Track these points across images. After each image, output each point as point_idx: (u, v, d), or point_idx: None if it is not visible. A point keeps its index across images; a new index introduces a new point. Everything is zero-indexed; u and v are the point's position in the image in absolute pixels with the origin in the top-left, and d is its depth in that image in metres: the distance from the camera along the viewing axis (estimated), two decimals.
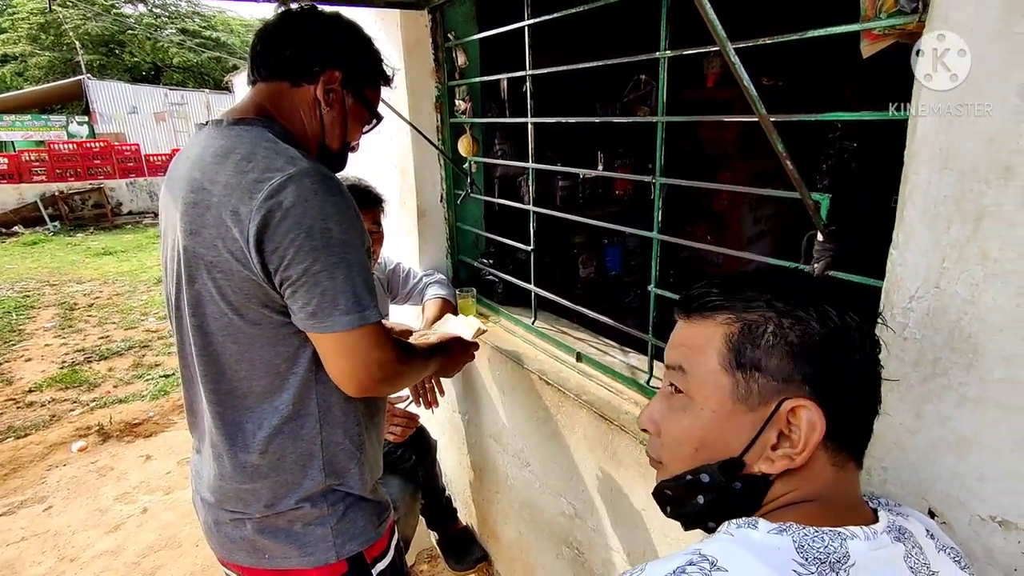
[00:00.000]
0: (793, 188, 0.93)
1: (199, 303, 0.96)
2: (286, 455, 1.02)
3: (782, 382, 0.55)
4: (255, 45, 1.06)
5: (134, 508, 2.79)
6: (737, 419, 0.57)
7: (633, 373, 1.47)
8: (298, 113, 1.05)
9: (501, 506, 1.97)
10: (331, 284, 0.90)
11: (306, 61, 1.03)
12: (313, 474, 1.03)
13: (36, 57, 18.85)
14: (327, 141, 1.09)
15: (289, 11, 1.08)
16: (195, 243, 0.93)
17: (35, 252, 9.06)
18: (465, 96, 2.02)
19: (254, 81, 1.07)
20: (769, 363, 0.55)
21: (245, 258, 0.90)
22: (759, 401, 0.56)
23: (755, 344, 0.56)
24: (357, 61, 1.09)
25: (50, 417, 3.77)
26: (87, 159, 12.33)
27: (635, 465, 1.29)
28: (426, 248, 2.18)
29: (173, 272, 1.01)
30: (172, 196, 1.00)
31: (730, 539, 0.52)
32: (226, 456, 1.02)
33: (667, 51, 1.17)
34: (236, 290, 0.93)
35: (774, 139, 0.79)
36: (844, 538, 0.52)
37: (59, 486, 3.02)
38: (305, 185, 0.89)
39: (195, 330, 0.98)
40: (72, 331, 5.42)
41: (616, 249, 2.96)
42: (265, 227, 0.87)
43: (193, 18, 21.69)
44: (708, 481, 0.58)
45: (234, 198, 0.89)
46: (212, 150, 0.95)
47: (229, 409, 1.01)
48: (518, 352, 1.74)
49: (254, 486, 1.02)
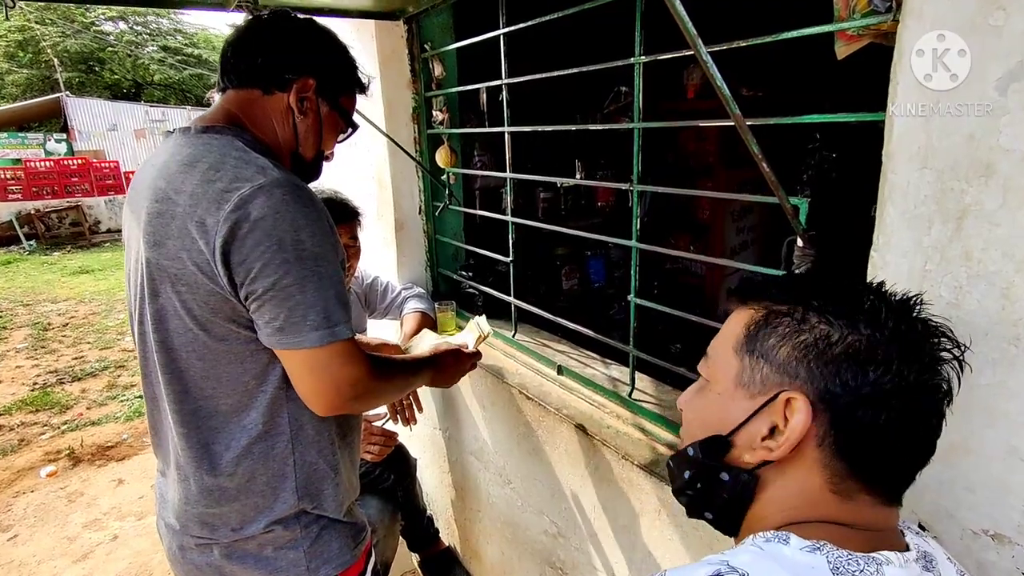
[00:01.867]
0: (773, 194, 0.91)
1: (162, 318, 0.92)
2: (256, 477, 0.97)
3: (785, 376, 0.54)
4: (225, 51, 1.03)
5: (104, 535, 2.68)
6: (737, 403, 0.57)
7: (615, 386, 1.44)
8: (270, 121, 1.01)
9: (483, 525, 1.91)
10: (302, 298, 0.86)
11: (279, 68, 1.00)
12: (285, 496, 0.98)
13: (13, 75, 18.60)
14: (301, 150, 1.05)
15: (261, 17, 1.04)
16: (158, 255, 0.89)
17: (9, 272, 8.85)
18: (443, 107, 2.00)
19: (224, 88, 1.03)
20: (777, 354, 0.54)
21: (211, 271, 0.85)
22: (759, 389, 0.55)
23: (769, 333, 0.56)
24: (332, 68, 1.06)
25: (19, 441, 3.64)
26: (65, 177, 12.13)
27: (618, 481, 1.25)
28: (404, 261, 2.14)
29: (136, 285, 0.97)
30: (134, 207, 0.95)
31: (759, 552, 0.50)
32: (192, 478, 0.97)
33: (642, 56, 1.16)
34: (201, 304, 0.88)
35: (749, 140, 0.77)
36: (879, 563, 0.49)
37: (26, 513, 2.90)
38: (276, 196, 0.85)
39: (158, 346, 0.93)
40: (45, 352, 5.27)
41: (599, 260, 2.94)
42: (232, 239, 0.83)
43: (175, 35, 21.60)
44: (692, 454, 0.60)
45: (200, 208, 0.85)
46: (179, 158, 0.91)
47: (195, 429, 0.95)
48: (499, 366, 1.69)
49: (221, 510, 0.97)
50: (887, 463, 0.53)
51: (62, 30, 18.25)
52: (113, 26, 20.34)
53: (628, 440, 1.27)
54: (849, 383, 0.51)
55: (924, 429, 0.53)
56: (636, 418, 1.33)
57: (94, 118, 16.49)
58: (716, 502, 0.59)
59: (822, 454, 0.53)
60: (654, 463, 1.18)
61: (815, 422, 0.52)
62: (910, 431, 0.52)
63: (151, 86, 20.62)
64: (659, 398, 1.37)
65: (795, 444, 0.53)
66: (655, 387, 1.43)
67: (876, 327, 0.52)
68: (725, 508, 0.59)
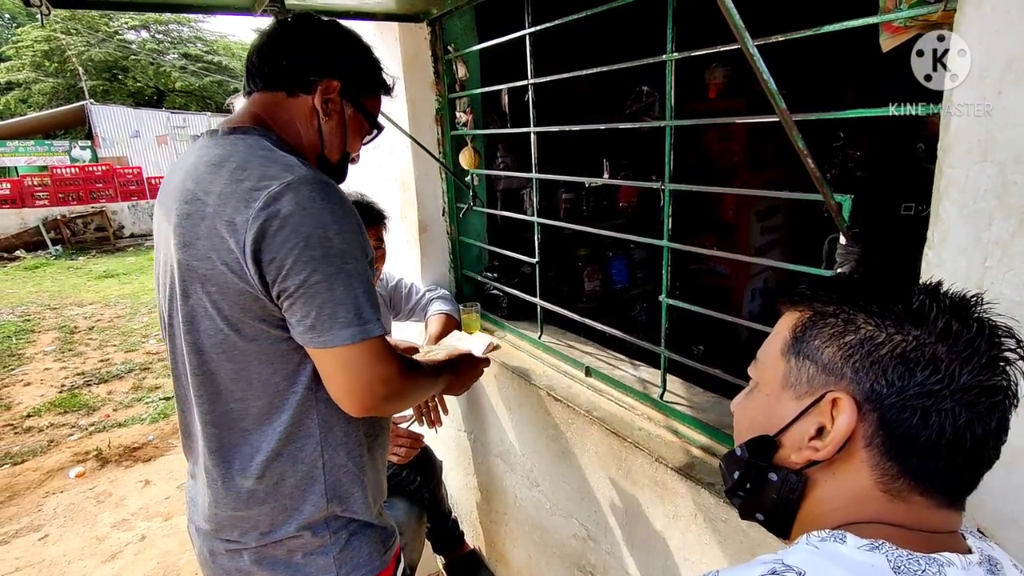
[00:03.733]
0: (812, 190, 0.89)
1: (193, 319, 0.92)
2: (285, 479, 0.96)
3: (831, 376, 0.54)
4: (251, 55, 1.03)
5: (132, 535, 2.72)
6: (784, 404, 0.57)
7: (645, 388, 1.42)
8: (295, 123, 1.01)
9: (510, 528, 1.90)
10: (330, 296, 0.85)
11: (303, 70, 1.00)
12: (314, 499, 0.98)
13: (40, 84, 19.06)
14: (326, 152, 1.05)
15: (286, 20, 1.05)
16: (188, 256, 0.89)
17: (36, 276, 9.05)
18: (466, 108, 1.99)
19: (250, 92, 1.04)
20: (823, 355, 0.54)
21: (241, 270, 0.85)
22: (806, 390, 0.55)
23: (815, 334, 0.56)
24: (356, 70, 1.05)
25: (48, 442, 3.71)
26: (89, 183, 12.40)
27: (651, 485, 1.23)
28: (428, 263, 2.14)
29: (166, 288, 0.97)
30: (164, 209, 0.96)
31: (815, 551, 0.50)
32: (221, 481, 0.97)
33: (674, 53, 1.14)
34: (232, 304, 0.88)
35: (795, 136, 0.75)
36: (940, 564, 0.48)
37: (56, 514, 2.94)
38: (303, 193, 0.85)
39: (189, 348, 0.93)
40: (72, 355, 5.37)
41: (621, 261, 2.92)
42: (262, 236, 0.83)
43: (195, 43, 21.98)
44: (739, 455, 0.60)
45: (229, 207, 0.85)
46: (206, 159, 0.91)
47: (225, 431, 0.96)
48: (525, 368, 1.68)
49: (250, 513, 0.97)
50: (940, 465, 0.51)
51: (87, 39, 18.67)
52: (136, 35, 20.77)
53: (661, 443, 1.25)
54: (895, 383, 0.50)
55: (982, 432, 0.50)
56: (668, 420, 1.31)
57: (117, 125, 16.83)
58: (766, 503, 0.59)
59: (870, 454, 0.52)
60: (689, 466, 1.16)
61: (862, 422, 0.52)
62: (965, 434, 0.50)
63: (173, 93, 20.99)
64: (691, 400, 1.35)
65: (841, 444, 0.52)
66: (686, 389, 1.41)
67: (925, 327, 0.50)
68: (775, 509, 0.58)
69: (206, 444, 0.97)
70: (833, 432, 0.52)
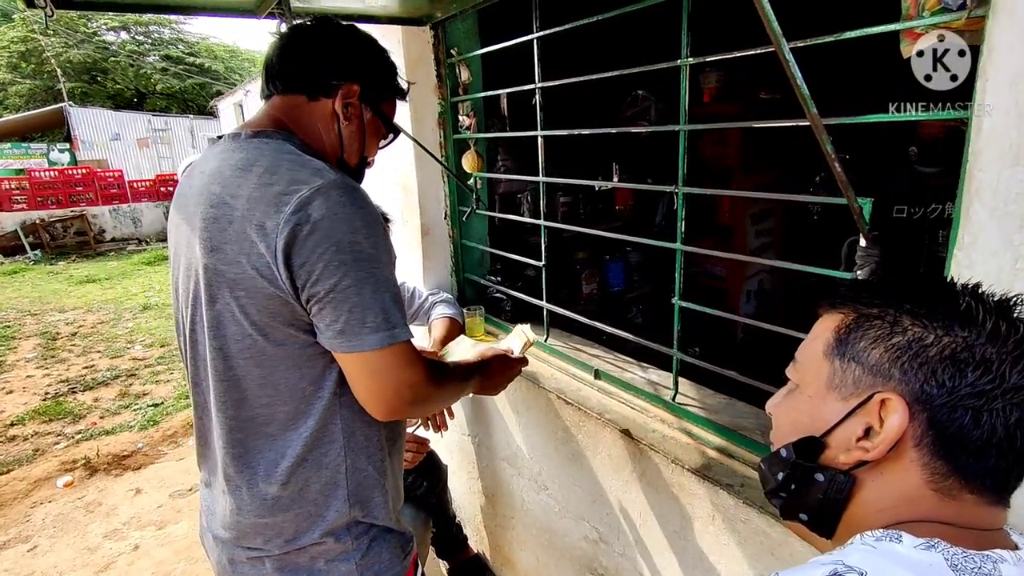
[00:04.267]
0: (829, 193, 0.90)
1: (220, 324, 0.91)
2: (310, 485, 0.96)
3: (879, 377, 0.54)
4: (271, 58, 1.02)
5: (125, 545, 2.66)
6: (829, 405, 0.58)
7: (656, 390, 1.43)
8: (316, 127, 1.01)
9: (516, 532, 1.89)
10: (359, 300, 0.85)
11: (324, 74, 1.00)
12: (338, 505, 0.97)
13: (16, 85, 18.67)
14: (345, 156, 1.05)
15: (305, 24, 1.04)
16: (216, 260, 0.88)
17: (15, 281, 8.85)
18: (469, 112, 2.00)
19: (269, 95, 1.03)
20: (869, 356, 0.55)
21: (272, 274, 0.85)
22: (852, 391, 0.56)
23: (861, 335, 0.56)
24: (375, 74, 1.06)
25: (33, 451, 3.62)
26: (69, 186, 12.16)
27: (667, 486, 1.24)
28: (430, 266, 2.13)
29: (188, 292, 0.96)
30: (186, 213, 0.95)
31: (872, 551, 0.50)
32: (245, 488, 0.96)
33: (689, 58, 1.15)
34: (260, 308, 0.88)
35: (823, 139, 0.76)
36: (995, 561, 0.48)
37: (44, 524, 2.87)
38: (333, 198, 0.85)
39: (215, 353, 0.92)
40: (55, 361, 5.25)
41: (618, 265, 2.93)
42: (293, 241, 0.83)
43: (177, 44, 21.69)
44: (785, 456, 0.60)
45: (259, 211, 0.84)
46: (231, 163, 0.91)
47: (251, 437, 0.95)
48: (532, 371, 1.68)
49: (275, 519, 0.96)
50: (991, 463, 0.52)
51: (65, 40, 18.33)
52: (116, 36, 20.45)
53: (676, 444, 1.25)
54: (946, 383, 0.51)
55: None
56: (682, 422, 1.32)
57: (97, 128, 16.53)
58: (811, 503, 0.59)
59: (920, 454, 0.53)
60: (706, 467, 1.17)
61: (912, 422, 0.53)
62: (1015, 432, 0.51)
63: (154, 95, 20.69)
64: (703, 402, 1.36)
65: (892, 444, 0.53)
66: (697, 391, 1.42)
67: (973, 328, 0.52)
68: (821, 509, 0.59)
69: (229, 451, 0.95)
70: (884, 432, 0.53)
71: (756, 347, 2.73)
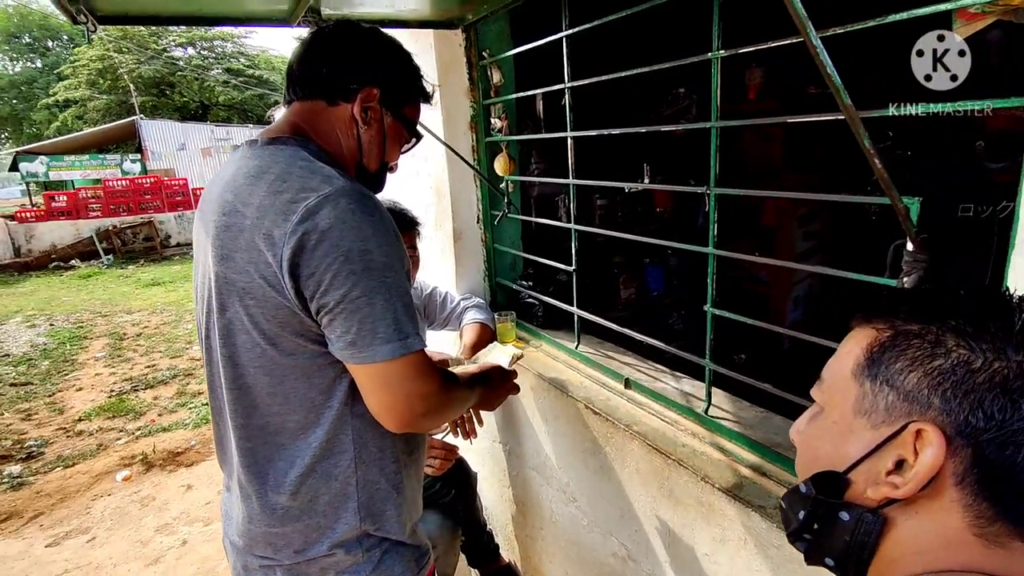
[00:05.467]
0: (872, 194, 0.82)
1: (230, 332, 0.91)
2: (319, 496, 0.94)
3: (915, 404, 0.47)
4: (291, 64, 1.02)
5: (174, 540, 2.77)
6: (856, 434, 0.51)
7: (689, 401, 1.36)
8: (335, 132, 1.00)
9: (546, 543, 1.85)
10: (370, 311, 0.83)
11: (343, 78, 0.98)
12: (347, 517, 0.96)
13: (94, 100, 20.02)
14: (364, 161, 1.03)
15: (325, 28, 1.04)
16: (226, 269, 0.88)
17: (89, 284, 9.45)
18: (501, 114, 1.97)
19: (290, 101, 1.03)
20: (905, 380, 0.48)
21: (279, 284, 0.84)
22: (883, 419, 0.49)
23: (897, 355, 0.49)
24: (396, 78, 1.03)
25: (97, 446, 3.83)
26: (138, 194, 12.91)
27: (696, 505, 1.17)
28: (463, 271, 2.12)
29: (203, 300, 0.97)
30: (203, 221, 0.95)
31: None
32: (255, 497, 0.95)
33: (720, 51, 1.09)
34: (269, 318, 0.87)
35: (861, 134, 0.69)
36: None
37: (103, 516, 3.03)
38: (342, 205, 0.83)
39: (225, 361, 0.93)
40: (121, 360, 5.56)
41: (657, 268, 2.84)
42: (300, 251, 0.82)
43: (238, 58, 22.72)
44: (805, 492, 0.54)
45: (268, 220, 0.83)
46: (245, 171, 0.90)
47: (260, 446, 0.94)
48: (561, 379, 1.64)
49: (284, 530, 0.95)
50: None
51: (137, 57, 19.51)
52: (183, 51, 21.61)
53: (707, 460, 1.18)
54: (995, 416, 0.44)
55: None
56: (714, 436, 1.25)
57: (165, 138, 17.51)
58: (837, 545, 0.52)
59: (962, 493, 0.46)
60: (737, 486, 1.09)
61: (952, 458, 0.46)
62: None
63: (216, 106, 21.74)
64: (737, 415, 1.28)
65: (925, 481, 0.46)
66: (732, 403, 1.34)
67: None
68: (848, 552, 0.52)
69: (240, 459, 0.96)
70: (917, 467, 0.46)
71: (803, 356, 2.59)
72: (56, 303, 8.14)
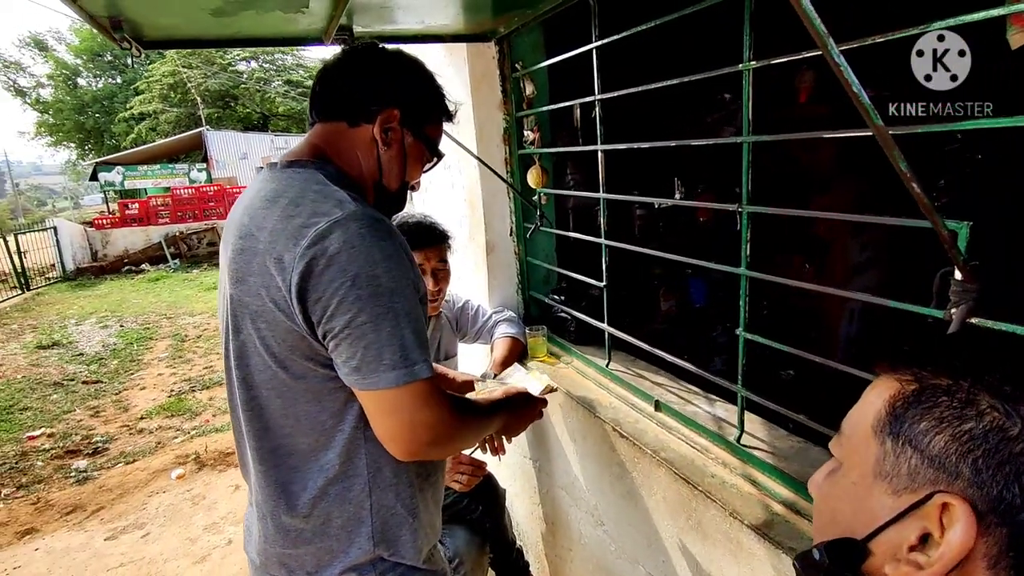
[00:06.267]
0: (913, 214, 0.75)
1: (244, 354, 0.92)
2: (332, 519, 0.94)
3: (941, 472, 0.42)
4: (314, 86, 1.03)
5: (220, 539, 2.87)
6: (876, 500, 0.46)
7: (720, 427, 1.29)
8: (355, 153, 0.99)
9: (575, 565, 1.80)
10: (376, 336, 0.82)
11: (364, 99, 0.98)
12: (360, 542, 0.95)
13: (166, 113, 21.25)
14: (385, 181, 1.03)
15: (348, 49, 1.04)
16: (241, 291, 0.89)
17: (157, 288, 10.01)
18: (534, 126, 1.95)
19: (313, 122, 1.04)
20: (931, 443, 0.43)
21: (288, 308, 0.84)
22: (905, 485, 0.44)
23: (922, 413, 0.44)
24: (416, 98, 1.02)
25: (156, 444, 4.03)
26: (203, 202, 13.62)
27: (724, 541, 1.10)
28: (495, 284, 2.10)
29: (222, 321, 0.99)
30: (225, 242, 0.98)
31: None
32: (270, 518, 0.96)
33: (751, 62, 1.03)
34: (280, 341, 0.88)
35: (895, 156, 0.63)
36: None
37: (157, 513, 3.17)
38: (352, 230, 0.82)
39: (240, 383, 0.94)
40: (181, 361, 5.85)
41: (699, 281, 2.74)
42: (308, 275, 0.82)
43: (297, 70, 23.63)
44: (818, 559, 0.49)
45: (279, 244, 0.84)
46: (263, 195, 0.91)
47: (273, 467, 0.95)
48: (590, 398, 1.59)
49: (297, 551, 0.96)
50: None
51: (204, 72, 20.60)
52: (246, 65, 22.66)
53: (736, 494, 1.12)
54: None
55: None
56: (745, 467, 1.18)
57: (228, 148, 18.42)
58: None
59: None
60: (767, 524, 1.02)
61: (984, 538, 0.40)
62: None
63: (276, 117, 22.68)
64: (772, 444, 1.21)
65: (953, 565, 0.41)
66: (767, 431, 1.26)
67: None
68: None
69: (257, 479, 0.97)
70: (943, 548, 0.41)
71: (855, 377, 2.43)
72: (126, 305, 8.65)
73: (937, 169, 2.66)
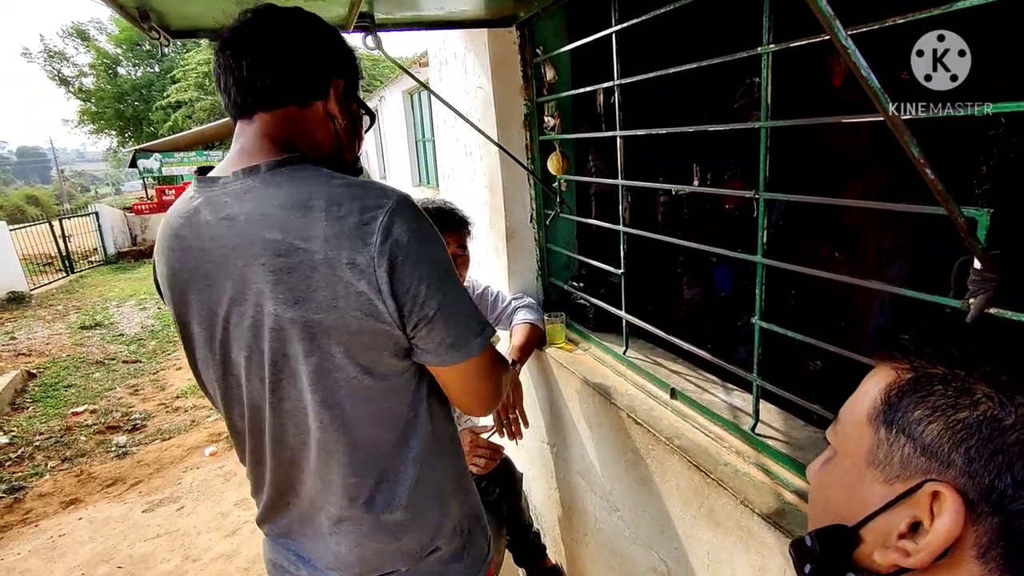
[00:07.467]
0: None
1: (320, 374, 0.85)
2: (424, 500, 0.97)
3: (934, 460, 0.42)
4: (238, 74, 0.87)
5: (249, 514, 2.98)
6: (868, 487, 0.46)
7: (736, 416, 1.28)
8: (313, 134, 0.92)
9: (590, 549, 1.82)
10: (460, 309, 0.88)
11: (310, 77, 0.90)
12: (446, 510, 1.00)
13: (201, 101, 21.71)
14: (347, 154, 0.98)
15: (257, 25, 0.89)
16: (306, 311, 0.81)
17: None
18: (554, 112, 1.94)
19: (249, 115, 0.89)
20: (924, 431, 0.43)
21: (375, 309, 0.81)
22: (897, 473, 0.44)
23: (917, 402, 0.44)
24: (348, 61, 0.96)
25: (190, 422, 4.18)
26: None
27: (736, 529, 1.10)
28: (515, 270, 2.11)
29: (253, 354, 0.87)
30: (223, 267, 0.84)
31: None
32: (367, 523, 0.94)
33: (771, 45, 1.01)
34: (367, 348, 0.85)
35: (907, 142, 0.61)
36: None
37: (191, 488, 3.31)
38: (407, 215, 0.82)
39: (319, 406, 0.86)
40: None
41: (725, 268, 2.70)
42: (392, 270, 0.80)
43: None
44: (809, 545, 0.51)
45: (345, 250, 0.79)
46: (276, 203, 0.81)
47: (366, 477, 0.92)
48: (606, 384, 1.60)
49: (399, 543, 0.97)
50: None
51: None
52: None
53: (749, 483, 1.11)
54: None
55: None
56: (759, 456, 1.17)
57: None
58: None
59: (985, 569, 0.40)
60: (779, 513, 1.02)
61: (974, 526, 0.40)
62: None
63: None
64: (787, 434, 1.20)
65: (939, 552, 0.41)
66: (783, 420, 1.25)
67: None
68: None
69: (342, 499, 0.93)
70: (931, 535, 0.41)
71: None
72: None
73: (980, 155, 2.56)
